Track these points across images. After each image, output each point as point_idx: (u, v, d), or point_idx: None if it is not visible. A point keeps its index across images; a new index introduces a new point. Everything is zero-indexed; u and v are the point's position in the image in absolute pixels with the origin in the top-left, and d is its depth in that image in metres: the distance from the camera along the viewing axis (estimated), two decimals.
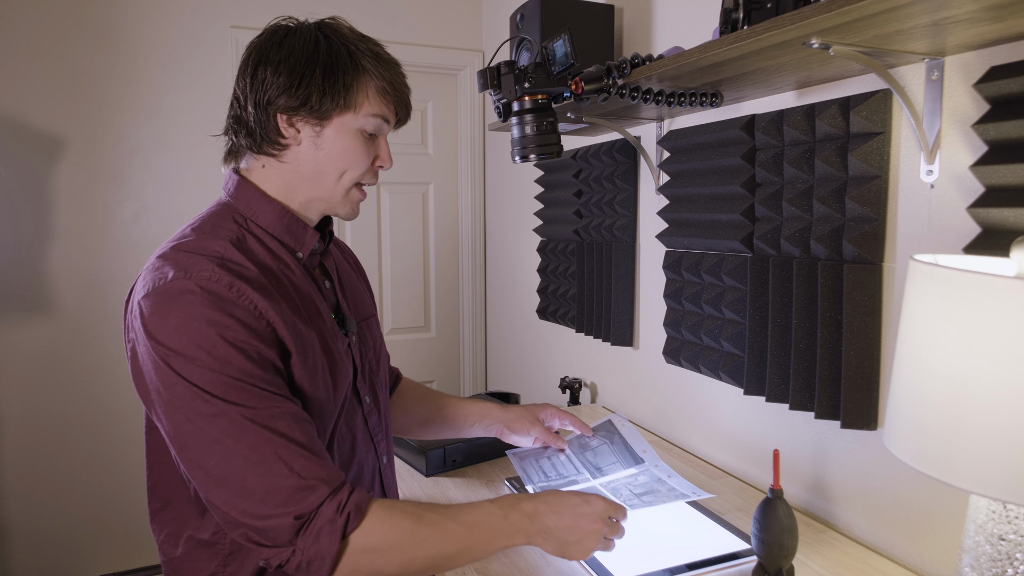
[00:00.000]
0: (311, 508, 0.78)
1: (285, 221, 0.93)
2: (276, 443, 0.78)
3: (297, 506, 0.77)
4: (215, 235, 0.87)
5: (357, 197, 0.96)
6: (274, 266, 0.89)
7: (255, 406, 0.78)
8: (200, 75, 2.44)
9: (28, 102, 2.25)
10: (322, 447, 0.84)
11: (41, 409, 2.33)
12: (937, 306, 0.66)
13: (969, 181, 0.96)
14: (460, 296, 2.97)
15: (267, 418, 0.78)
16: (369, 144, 0.93)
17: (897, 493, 1.11)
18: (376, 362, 1.08)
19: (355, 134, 0.91)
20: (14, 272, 2.28)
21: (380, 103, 0.91)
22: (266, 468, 0.77)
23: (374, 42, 0.93)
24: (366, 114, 0.90)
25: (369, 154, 0.93)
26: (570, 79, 1.14)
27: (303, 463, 0.79)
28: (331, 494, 0.79)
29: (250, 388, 0.78)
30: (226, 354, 0.78)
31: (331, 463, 0.83)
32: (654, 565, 1.03)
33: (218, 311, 0.78)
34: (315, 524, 0.78)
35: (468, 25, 2.83)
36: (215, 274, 0.81)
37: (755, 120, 1.31)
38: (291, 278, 0.91)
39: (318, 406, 0.89)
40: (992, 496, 0.62)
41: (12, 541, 2.33)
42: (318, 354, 0.89)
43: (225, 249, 0.85)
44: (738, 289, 1.40)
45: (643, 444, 1.21)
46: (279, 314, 0.84)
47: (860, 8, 0.75)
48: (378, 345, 1.11)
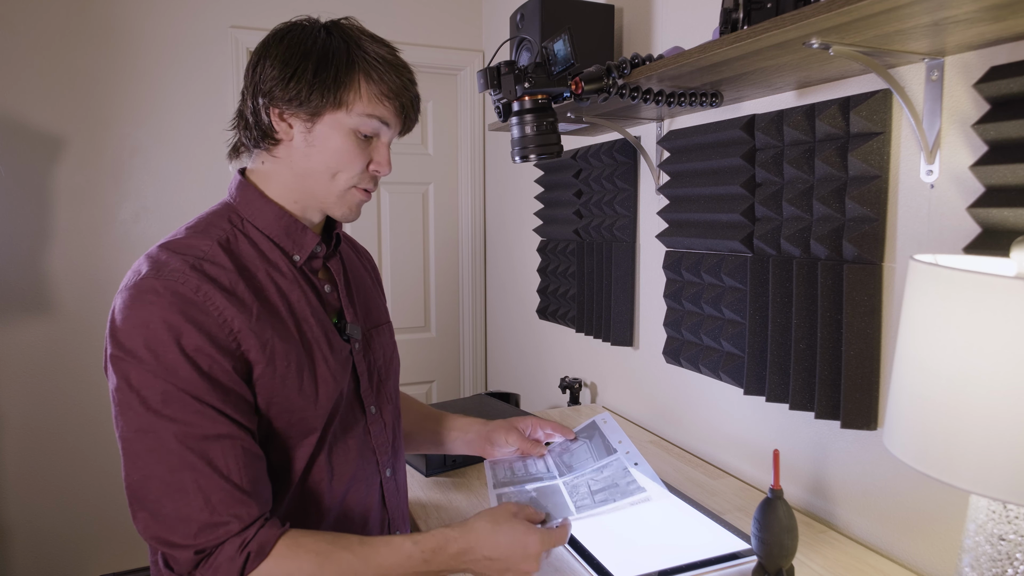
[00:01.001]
0: (214, 544, 0.76)
1: (283, 223, 0.92)
2: (199, 471, 0.76)
3: (202, 540, 0.76)
4: (206, 234, 0.87)
5: (357, 199, 0.93)
6: (261, 269, 0.88)
7: (190, 423, 0.76)
8: (200, 75, 2.45)
9: (28, 102, 2.25)
10: (257, 478, 0.81)
11: (41, 409, 2.33)
12: (937, 306, 0.66)
13: (969, 181, 0.96)
14: (460, 296, 2.97)
15: (198, 439, 0.76)
16: (364, 146, 0.90)
17: (897, 493, 1.11)
18: (386, 371, 1.05)
19: (348, 134, 0.88)
20: (14, 272, 2.28)
21: (376, 104, 0.88)
22: (182, 496, 0.76)
23: (385, 44, 0.90)
24: (360, 114, 0.87)
25: (363, 156, 0.90)
26: (570, 79, 1.14)
27: (221, 496, 0.76)
28: (240, 531, 0.77)
29: (191, 402, 0.76)
30: (175, 361, 0.76)
31: (258, 497, 0.80)
32: (654, 565, 1.03)
33: (179, 314, 0.77)
34: (214, 560, 0.76)
35: (468, 25, 2.83)
36: (184, 276, 0.79)
37: (755, 120, 1.31)
38: (278, 283, 0.89)
39: (297, 416, 0.87)
40: (992, 496, 0.62)
41: (12, 541, 2.33)
42: (294, 362, 0.86)
43: (210, 249, 0.84)
44: (738, 289, 1.40)
45: (619, 435, 1.18)
46: (247, 323, 0.82)
47: (860, 8, 0.75)
48: (389, 354, 1.07)
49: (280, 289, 0.89)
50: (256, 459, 0.81)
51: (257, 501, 0.80)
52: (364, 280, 1.09)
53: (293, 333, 0.88)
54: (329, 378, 0.91)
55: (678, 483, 1.38)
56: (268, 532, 0.78)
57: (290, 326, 0.88)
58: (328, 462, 0.93)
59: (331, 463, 0.93)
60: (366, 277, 1.11)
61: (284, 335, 0.86)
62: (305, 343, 0.89)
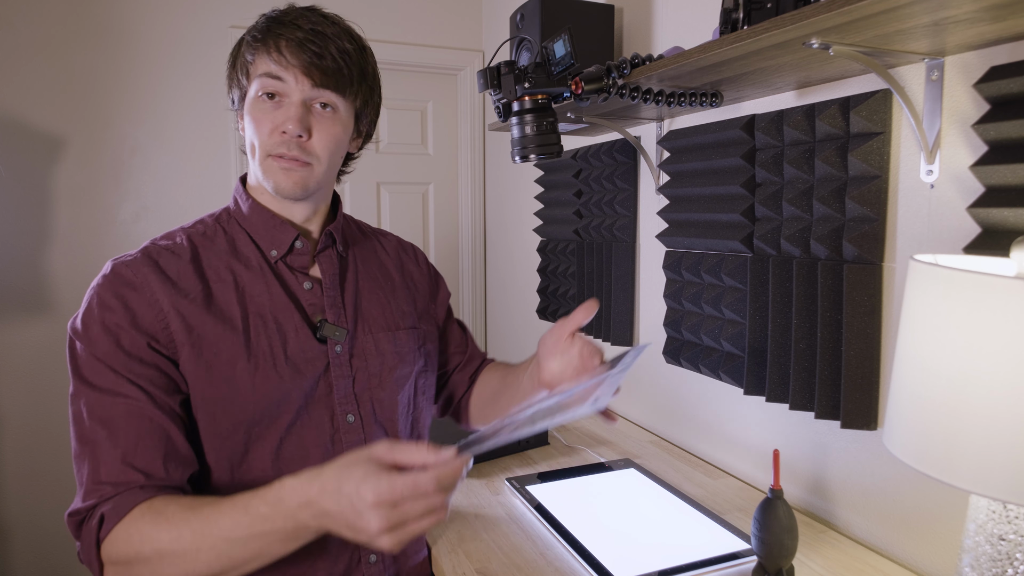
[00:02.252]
0: (87, 508, 0.79)
1: (263, 218, 0.95)
2: (97, 442, 0.80)
3: (81, 505, 0.79)
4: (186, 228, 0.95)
5: (274, 167, 0.89)
6: (223, 262, 0.92)
7: (102, 388, 0.81)
8: (200, 75, 2.44)
9: (28, 102, 2.25)
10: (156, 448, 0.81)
11: (41, 409, 2.33)
12: (937, 306, 0.66)
13: (969, 181, 0.96)
14: (460, 296, 2.97)
15: (106, 407, 0.81)
16: (269, 111, 0.88)
17: (897, 493, 1.11)
18: (378, 379, 0.98)
19: (253, 104, 0.89)
20: (14, 272, 2.28)
21: (259, 62, 0.88)
22: (80, 464, 0.81)
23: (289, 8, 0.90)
24: (256, 77, 0.89)
25: (267, 120, 0.88)
26: (570, 79, 1.14)
27: (110, 464, 0.79)
28: (111, 497, 0.78)
29: (105, 371, 0.82)
30: (97, 334, 0.83)
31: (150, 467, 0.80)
32: (654, 565, 1.03)
33: (110, 293, 0.84)
34: (85, 525, 0.79)
35: (468, 25, 2.83)
36: (134, 259, 0.88)
37: (755, 120, 1.31)
38: (239, 276, 0.92)
39: (220, 405, 0.86)
40: (992, 496, 0.62)
41: (12, 541, 2.33)
42: (224, 351, 0.87)
43: (178, 239, 0.92)
44: (738, 289, 1.40)
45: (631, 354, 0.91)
46: (180, 307, 0.86)
47: (860, 8, 0.75)
48: (392, 362, 1.00)
49: (239, 282, 0.92)
50: (159, 430, 0.82)
51: (146, 471, 0.80)
52: (379, 281, 1.05)
53: (237, 324, 0.89)
54: (272, 374, 0.88)
55: (678, 483, 1.38)
56: (130, 496, 0.78)
57: (235, 317, 0.89)
58: (274, 462, 0.89)
59: (278, 463, 0.89)
60: (389, 278, 1.07)
61: (222, 325, 0.88)
62: (248, 335, 0.89)
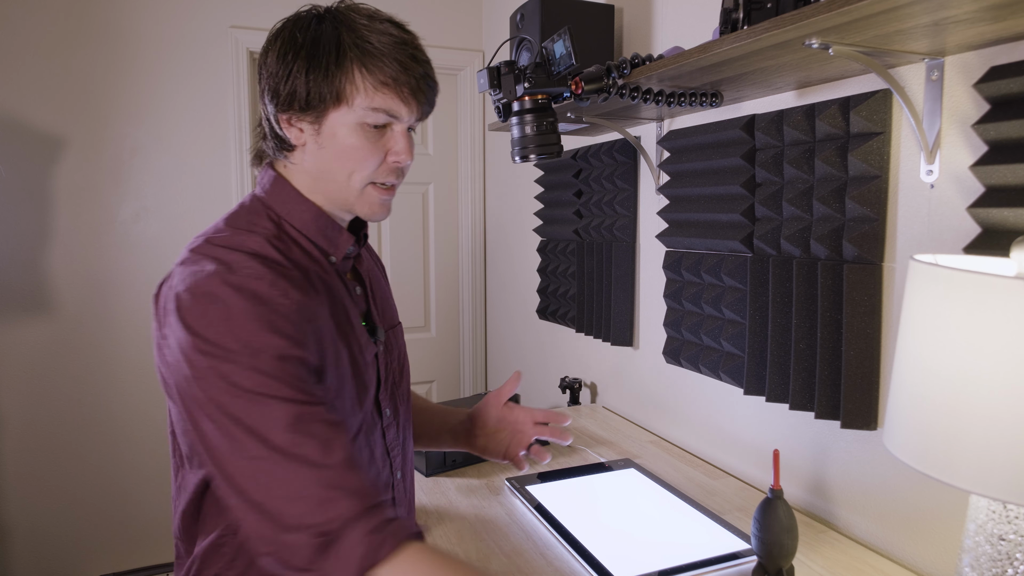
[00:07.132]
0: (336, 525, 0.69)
1: (320, 223, 0.87)
2: (307, 454, 0.71)
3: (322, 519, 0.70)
4: (251, 231, 0.82)
5: (375, 197, 0.87)
6: (311, 268, 0.85)
7: (291, 399, 0.72)
8: (200, 75, 2.44)
9: (28, 102, 2.25)
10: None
11: (41, 409, 2.33)
12: (937, 306, 0.66)
13: (969, 181, 0.96)
14: (460, 296, 2.97)
15: (307, 421, 0.72)
16: (376, 138, 0.83)
17: (897, 493, 1.11)
18: (399, 373, 1.02)
19: (355, 129, 0.82)
20: (14, 272, 2.28)
21: (377, 94, 0.81)
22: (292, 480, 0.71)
23: (384, 19, 0.84)
24: (363, 107, 0.81)
25: (377, 150, 0.84)
26: (570, 79, 1.14)
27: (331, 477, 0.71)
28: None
29: (280, 384, 0.72)
30: (264, 344, 0.72)
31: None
32: (654, 565, 1.03)
33: (262, 306, 0.74)
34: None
35: (468, 25, 2.83)
36: (257, 271, 0.76)
37: (755, 120, 1.31)
38: (327, 282, 0.86)
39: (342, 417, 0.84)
40: (992, 496, 0.62)
41: (12, 541, 2.33)
42: (345, 365, 0.85)
43: (262, 247, 0.80)
44: (738, 289, 1.40)
45: None
46: (320, 318, 0.80)
47: (860, 8, 0.75)
48: (402, 356, 1.04)
49: (330, 289, 0.86)
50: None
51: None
52: (380, 280, 1.07)
53: (344, 335, 0.86)
54: (368, 382, 0.89)
55: (678, 483, 1.38)
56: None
57: (341, 328, 0.86)
58: None
59: None
60: (381, 278, 1.09)
61: (340, 337, 0.85)
62: (349, 347, 0.87)
